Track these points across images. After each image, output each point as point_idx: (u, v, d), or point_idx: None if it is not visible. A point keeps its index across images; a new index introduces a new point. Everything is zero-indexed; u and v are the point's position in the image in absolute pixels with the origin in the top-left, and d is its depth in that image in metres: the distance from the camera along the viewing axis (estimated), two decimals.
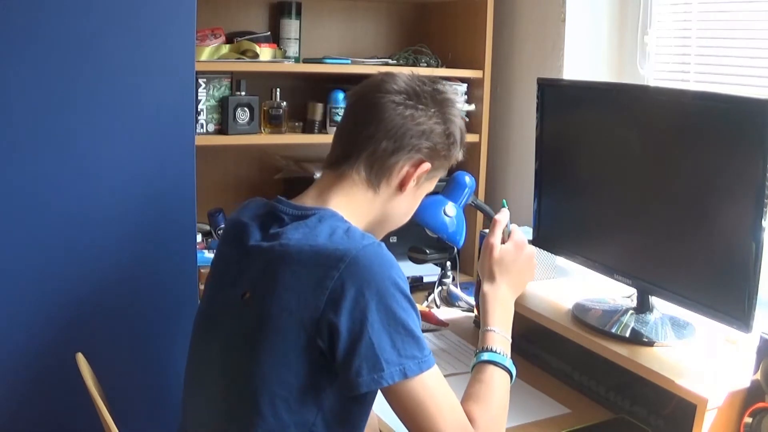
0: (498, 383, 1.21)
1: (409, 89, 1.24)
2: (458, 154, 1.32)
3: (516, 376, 1.25)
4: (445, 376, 1.13)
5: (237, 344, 1.17)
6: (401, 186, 1.25)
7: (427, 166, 1.25)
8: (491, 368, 1.22)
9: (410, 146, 1.23)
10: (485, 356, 1.23)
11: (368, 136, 1.23)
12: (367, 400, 1.18)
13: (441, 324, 1.84)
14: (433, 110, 1.25)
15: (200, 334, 1.29)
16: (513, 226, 1.40)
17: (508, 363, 1.24)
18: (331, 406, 1.14)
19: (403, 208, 1.30)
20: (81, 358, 1.35)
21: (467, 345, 1.71)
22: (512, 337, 1.24)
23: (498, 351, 1.24)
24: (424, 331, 1.68)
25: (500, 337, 1.27)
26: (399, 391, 1.08)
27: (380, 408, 1.39)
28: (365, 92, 1.27)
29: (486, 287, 1.33)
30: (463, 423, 1.12)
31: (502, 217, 1.39)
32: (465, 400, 1.17)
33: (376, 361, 1.06)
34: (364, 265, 1.08)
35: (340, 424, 1.16)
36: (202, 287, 1.46)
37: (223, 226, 1.96)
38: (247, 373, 1.13)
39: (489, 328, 1.28)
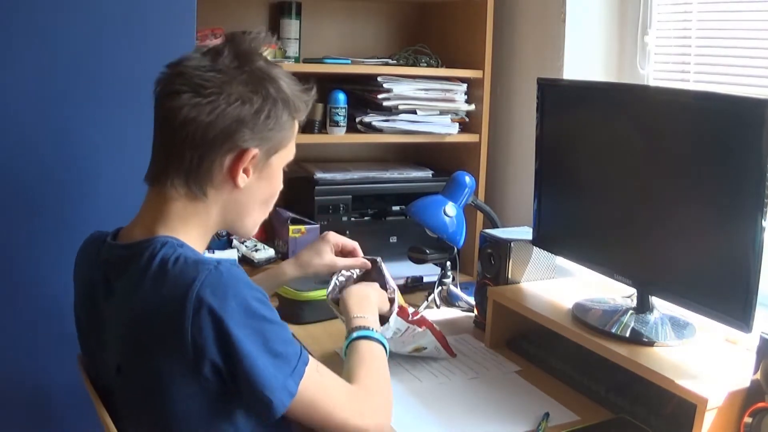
0: (369, 351, 1.24)
1: (195, 80, 1.07)
2: (299, 114, 1.16)
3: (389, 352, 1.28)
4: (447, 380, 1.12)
5: (136, 412, 1.12)
6: (234, 183, 1.12)
7: (254, 152, 1.10)
8: (362, 341, 1.26)
9: (218, 145, 1.08)
10: (355, 335, 1.26)
11: (169, 151, 1.09)
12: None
13: (450, 353, 1.61)
14: (234, 90, 1.07)
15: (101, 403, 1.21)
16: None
17: (377, 335, 1.27)
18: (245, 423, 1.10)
19: (257, 194, 1.17)
20: (81, 359, 1.35)
21: (469, 346, 1.71)
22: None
23: (366, 326, 1.28)
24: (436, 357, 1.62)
25: (364, 320, 1.30)
26: (296, 403, 1.05)
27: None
28: (157, 96, 1.11)
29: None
30: (358, 396, 1.13)
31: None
32: (345, 376, 1.16)
33: (265, 390, 1.01)
34: (211, 296, 0.99)
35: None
36: None
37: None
38: None
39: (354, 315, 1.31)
